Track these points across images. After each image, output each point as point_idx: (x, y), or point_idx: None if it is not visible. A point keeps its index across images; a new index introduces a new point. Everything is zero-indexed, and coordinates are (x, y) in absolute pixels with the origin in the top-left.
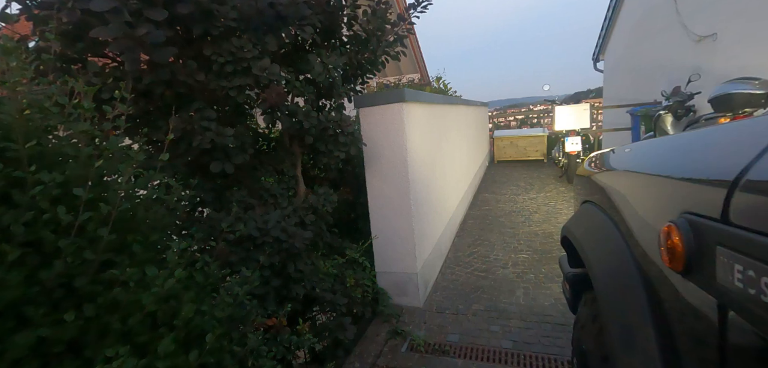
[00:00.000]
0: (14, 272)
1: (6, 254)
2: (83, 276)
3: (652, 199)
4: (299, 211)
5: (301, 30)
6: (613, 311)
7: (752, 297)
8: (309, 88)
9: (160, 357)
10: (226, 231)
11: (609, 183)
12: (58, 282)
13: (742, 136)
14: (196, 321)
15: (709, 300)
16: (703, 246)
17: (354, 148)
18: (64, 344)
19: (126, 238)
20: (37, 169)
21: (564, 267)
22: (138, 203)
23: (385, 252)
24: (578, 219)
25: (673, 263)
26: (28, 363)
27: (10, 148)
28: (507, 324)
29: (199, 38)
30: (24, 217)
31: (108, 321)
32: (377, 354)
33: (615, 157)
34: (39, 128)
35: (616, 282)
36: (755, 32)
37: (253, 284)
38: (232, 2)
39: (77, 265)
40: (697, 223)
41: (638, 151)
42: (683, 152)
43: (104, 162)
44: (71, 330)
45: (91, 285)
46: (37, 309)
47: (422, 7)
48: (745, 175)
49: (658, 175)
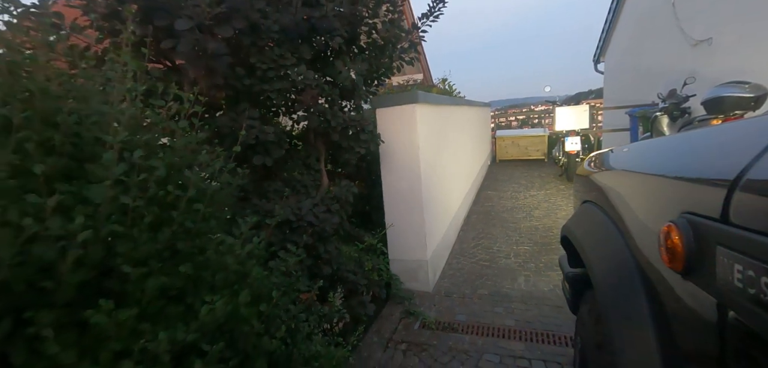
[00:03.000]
0: (144, 234)
1: (143, 218)
2: (184, 240)
3: (652, 199)
4: (326, 200)
5: (331, 39)
6: (613, 311)
7: (752, 297)
8: (334, 90)
9: (242, 305)
10: (272, 216)
11: (609, 183)
12: (165, 245)
13: (742, 136)
14: (262, 282)
15: (708, 299)
16: (703, 246)
17: (373, 145)
18: (176, 290)
19: (207, 214)
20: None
21: (564, 267)
22: (214, 187)
23: (397, 241)
24: (578, 218)
25: (672, 263)
26: (155, 303)
27: (132, 141)
28: (509, 306)
29: (246, 47)
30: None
31: (202, 276)
32: (393, 331)
33: (615, 157)
34: (142, 126)
35: (616, 282)
36: (747, 38)
37: (300, 257)
38: (275, 17)
39: (180, 233)
40: (697, 223)
41: (638, 151)
42: (683, 152)
43: (191, 153)
44: (180, 280)
45: (189, 248)
46: (158, 263)
47: (433, 17)
48: (745, 175)
49: (658, 174)
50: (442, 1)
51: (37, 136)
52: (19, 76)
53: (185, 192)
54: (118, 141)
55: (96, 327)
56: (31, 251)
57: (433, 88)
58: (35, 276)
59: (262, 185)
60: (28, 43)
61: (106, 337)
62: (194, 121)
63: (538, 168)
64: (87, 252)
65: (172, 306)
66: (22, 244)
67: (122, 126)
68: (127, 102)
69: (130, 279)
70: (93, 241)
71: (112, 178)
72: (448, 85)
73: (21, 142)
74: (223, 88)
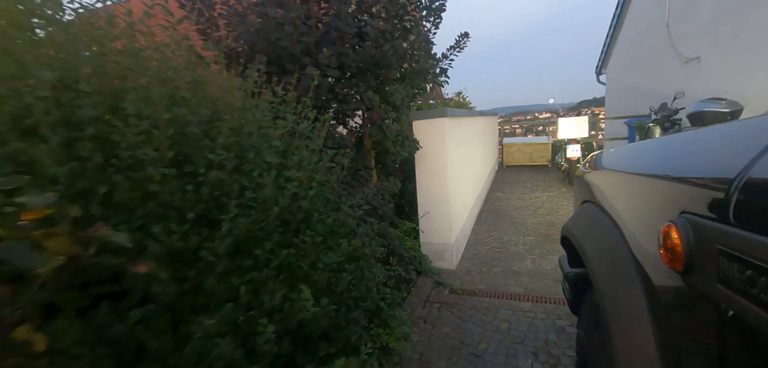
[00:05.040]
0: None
1: (250, 207)
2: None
3: (652, 199)
4: (380, 192)
5: (390, 71)
6: (613, 311)
7: (752, 296)
8: (388, 108)
9: (354, 247)
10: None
11: (609, 183)
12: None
13: (742, 136)
14: (361, 238)
15: (708, 299)
16: (702, 246)
17: (413, 150)
18: (277, 269)
19: (328, 196)
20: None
21: (564, 267)
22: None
23: (427, 227)
24: (578, 218)
25: (672, 263)
26: (268, 283)
27: (250, 145)
28: (519, 279)
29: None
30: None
31: (333, 230)
32: (428, 295)
33: (615, 157)
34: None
35: (616, 283)
36: (730, 58)
37: (375, 229)
38: (353, 56)
39: (317, 205)
40: (697, 223)
41: (639, 151)
42: (683, 152)
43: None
44: (282, 259)
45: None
46: (268, 244)
47: (459, 48)
48: (745, 175)
49: (659, 174)
50: (467, 35)
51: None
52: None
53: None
54: (273, 158)
55: (303, 245)
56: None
57: (451, 102)
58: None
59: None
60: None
61: (305, 254)
62: (311, 135)
63: (542, 173)
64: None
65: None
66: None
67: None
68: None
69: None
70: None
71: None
72: (463, 98)
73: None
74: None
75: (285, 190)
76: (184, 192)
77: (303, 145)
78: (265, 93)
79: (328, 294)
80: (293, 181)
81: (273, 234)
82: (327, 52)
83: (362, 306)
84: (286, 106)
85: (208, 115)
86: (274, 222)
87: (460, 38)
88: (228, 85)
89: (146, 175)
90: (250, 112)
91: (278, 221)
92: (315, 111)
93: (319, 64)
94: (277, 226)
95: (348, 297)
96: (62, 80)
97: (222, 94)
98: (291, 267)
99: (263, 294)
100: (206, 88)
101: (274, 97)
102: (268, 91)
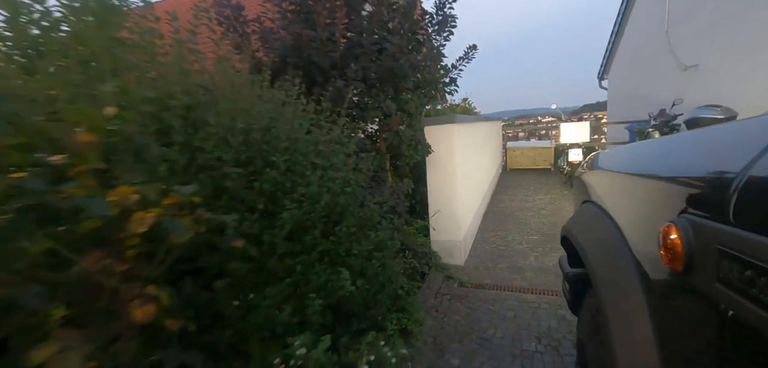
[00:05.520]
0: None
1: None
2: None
3: (652, 199)
4: (396, 192)
5: (406, 81)
6: (613, 311)
7: (752, 296)
8: (404, 115)
9: (381, 239)
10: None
11: (610, 183)
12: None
13: (742, 136)
14: (384, 231)
15: (708, 299)
16: (702, 246)
17: (426, 154)
18: (321, 254)
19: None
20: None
21: (564, 267)
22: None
23: (437, 225)
24: (577, 218)
25: (672, 263)
26: (314, 265)
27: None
28: (523, 274)
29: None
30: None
31: (364, 220)
32: (438, 287)
33: (615, 158)
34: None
35: (615, 283)
36: (726, 65)
37: (395, 224)
38: (373, 68)
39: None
40: (696, 223)
41: (639, 151)
42: (684, 152)
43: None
44: (325, 246)
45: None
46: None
47: (468, 60)
48: (745, 175)
49: (659, 175)
50: (474, 47)
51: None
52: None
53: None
54: (319, 161)
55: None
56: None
57: (458, 108)
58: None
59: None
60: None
61: (341, 243)
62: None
63: (545, 176)
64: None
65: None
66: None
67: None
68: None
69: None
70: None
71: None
72: (468, 104)
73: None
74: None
75: (327, 188)
76: (251, 188)
77: (340, 149)
78: (303, 104)
79: (360, 278)
80: (333, 180)
81: (318, 224)
82: (354, 67)
83: (385, 292)
84: (320, 115)
85: (266, 124)
86: (319, 214)
87: (468, 50)
88: (280, 98)
89: (223, 173)
90: (297, 120)
91: (322, 214)
92: (347, 119)
93: (347, 77)
94: (322, 218)
95: (375, 281)
96: (160, 100)
97: (275, 106)
98: (331, 253)
99: (311, 274)
100: (261, 101)
101: (315, 107)
102: (310, 103)
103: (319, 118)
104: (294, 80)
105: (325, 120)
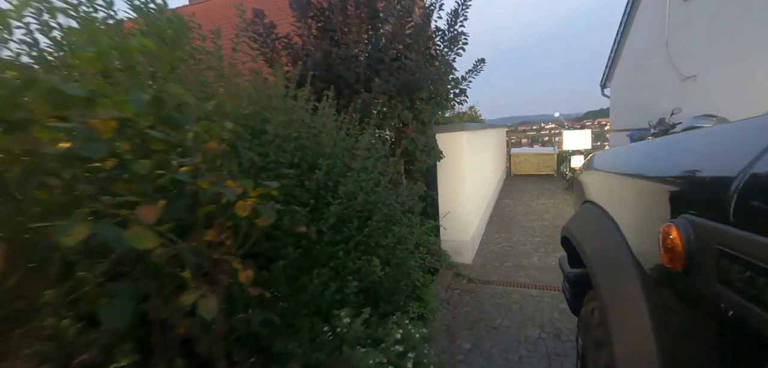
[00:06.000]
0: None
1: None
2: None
3: (652, 199)
4: (411, 193)
5: (421, 93)
6: (613, 311)
7: (752, 296)
8: (418, 123)
9: (405, 233)
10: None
11: (610, 184)
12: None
13: (742, 136)
14: (404, 226)
15: (708, 299)
16: (702, 246)
17: (438, 159)
18: (356, 244)
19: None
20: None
21: (564, 267)
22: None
23: (447, 226)
24: (577, 218)
25: (672, 263)
26: (351, 253)
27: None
28: (527, 272)
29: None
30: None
31: (389, 215)
32: (449, 283)
33: (616, 158)
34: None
35: (615, 283)
36: (723, 76)
37: (413, 222)
38: (392, 81)
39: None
40: (697, 223)
41: (639, 152)
42: (684, 152)
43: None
44: (361, 237)
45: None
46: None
47: (476, 72)
48: (745, 175)
49: (659, 175)
50: (483, 60)
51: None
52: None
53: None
54: (354, 165)
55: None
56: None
57: (465, 116)
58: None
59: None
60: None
61: (372, 235)
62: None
63: (548, 182)
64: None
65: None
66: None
67: (356, 156)
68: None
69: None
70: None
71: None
72: (475, 112)
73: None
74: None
75: (360, 187)
76: (302, 186)
77: (370, 154)
78: (337, 116)
79: (387, 266)
80: (366, 181)
81: (354, 219)
82: (378, 81)
83: (406, 281)
84: (349, 124)
85: (313, 134)
86: (355, 210)
87: (477, 63)
88: (324, 110)
89: (279, 173)
90: (336, 130)
91: (358, 209)
92: (373, 128)
93: (372, 90)
94: (357, 213)
95: (398, 271)
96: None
97: (319, 118)
98: (364, 243)
99: (348, 261)
100: (307, 114)
101: (344, 116)
102: (342, 114)
103: (348, 126)
104: (327, 93)
105: (353, 129)
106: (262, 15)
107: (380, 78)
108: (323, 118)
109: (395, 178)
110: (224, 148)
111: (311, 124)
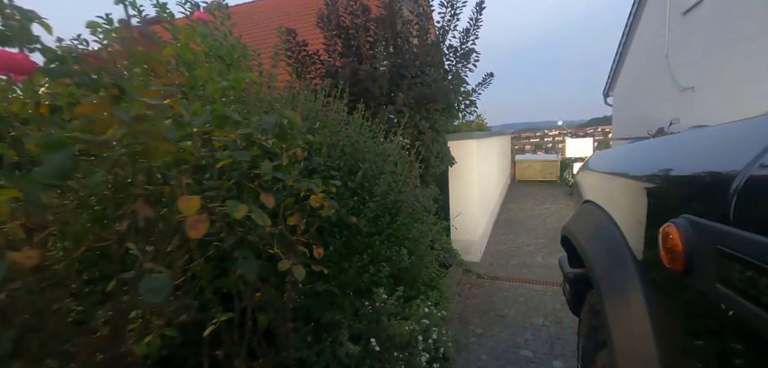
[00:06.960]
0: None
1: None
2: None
3: (652, 200)
4: (427, 196)
5: (436, 104)
6: (613, 311)
7: (752, 297)
8: (433, 131)
9: (426, 228)
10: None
11: (610, 184)
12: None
13: (742, 136)
14: (422, 229)
15: (708, 300)
16: (703, 247)
17: (450, 164)
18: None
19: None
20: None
21: (564, 267)
22: None
23: (457, 226)
24: (577, 218)
25: (673, 263)
26: (384, 243)
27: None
28: (532, 270)
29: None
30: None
31: (411, 211)
32: (459, 278)
33: (616, 158)
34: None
35: (615, 283)
36: (720, 88)
37: (431, 220)
38: (411, 94)
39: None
40: (697, 223)
41: (639, 152)
42: (684, 152)
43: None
44: (391, 230)
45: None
46: (384, 220)
47: (485, 85)
48: (745, 175)
49: (659, 175)
50: (492, 74)
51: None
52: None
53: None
54: (387, 168)
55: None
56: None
57: (472, 124)
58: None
59: None
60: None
61: (399, 229)
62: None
63: (551, 188)
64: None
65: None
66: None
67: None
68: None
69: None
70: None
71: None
72: (482, 120)
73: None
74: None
75: (391, 187)
76: (346, 186)
77: (399, 159)
78: (368, 125)
79: (412, 256)
80: (396, 182)
81: (386, 214)
82: (402, 96)
83: (426, 271)
84: (377, 133)
85: (353, 141)
86: (387, 207)
87: (486, 77)
88: (360, 122)
89: (327, 176)
90: (371, 138)
91: (390, 206)
92: (392, 135)
93: (395, 103)
94: (389, 209)
95: (420, 261)
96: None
97: (356, 127)
98: (393, 235)
99: (382, 249)
100: (347, 125)
101: (373, 126)
102: (372, 124)
103: (376, 134)
104: (359, 106)
105: (381, 136)
106: (294, 34)
107: (401, 91)
108: (360, 129)
109: (414, 181)
110: (305, 154)
111: (351, 134)
